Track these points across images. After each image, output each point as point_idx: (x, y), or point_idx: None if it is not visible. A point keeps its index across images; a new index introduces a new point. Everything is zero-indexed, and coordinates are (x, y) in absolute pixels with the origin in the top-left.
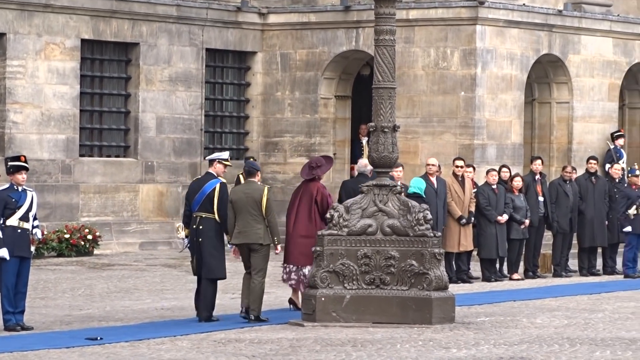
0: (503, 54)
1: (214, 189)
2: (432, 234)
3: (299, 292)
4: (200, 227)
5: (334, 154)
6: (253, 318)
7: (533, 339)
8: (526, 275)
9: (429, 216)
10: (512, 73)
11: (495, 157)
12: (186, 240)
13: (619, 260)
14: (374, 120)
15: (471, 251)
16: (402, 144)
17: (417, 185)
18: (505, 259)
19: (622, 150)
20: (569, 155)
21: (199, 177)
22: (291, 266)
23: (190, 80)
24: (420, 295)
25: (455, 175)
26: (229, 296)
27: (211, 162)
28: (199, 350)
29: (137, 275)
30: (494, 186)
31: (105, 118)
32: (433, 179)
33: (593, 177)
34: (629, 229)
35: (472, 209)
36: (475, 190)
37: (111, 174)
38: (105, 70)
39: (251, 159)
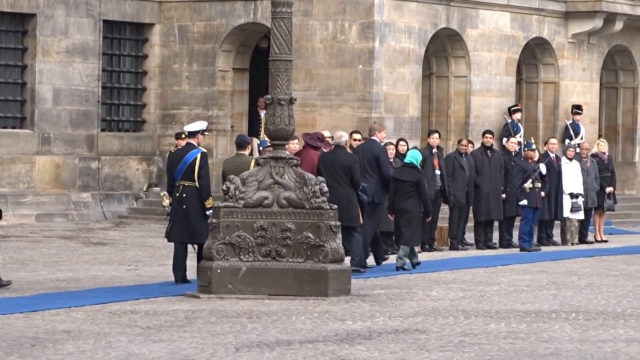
0: (401, 28)
1: (195, 158)
2: (328, 207)
3: None
4: (184, 195)
5: (232, 127)
6: None
7: (428, 311)
8: (423, 248)
9: (325, 189)
10: (410, 47)
11: (393, 131)
12: (169, 208)
13: (516, 234)
14: (270, 92)
15: None
16: (300, 117)
17: (414, 155)
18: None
19: (519, 124)
20: (466, 129)
21: (180, 147)
22: None
23: (88, 52)
24: (316, 268)
25: (352, 148)
26: (124, 268)
27: (193, 133)
28: (93, 321)
29: (33, 247)
30: (392, 159)
31: (1, 89)
32: None
33: (489, 151)
34: (524, 202)
35: None
36: None
37: (7, 145)
38: (2, 41)
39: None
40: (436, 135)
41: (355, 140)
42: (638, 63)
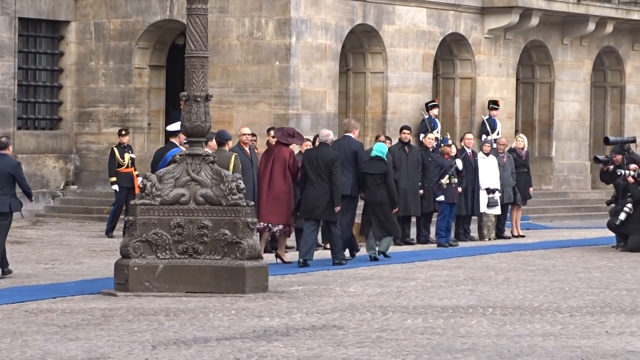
0: (317, 24)
1: (174, 156)
2: (245, 203)
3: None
4: None
5: (149, 124)
6: None
7: (346, 307)
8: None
9: (242, 185)
10: (327, 43)
11: (310, 127)
12: None
13: (433, 229)
14: (186, 89)
15: None
16: (217, 113)
17: (380, 149)
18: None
19: (436, 120)
20: (383, 125)
21: (163, 146)
22: (263, 224)
23: (3, 50)
24: (233, 265)
25: (268, 145)
26: (41, 266)
27: (174, 133)
28: (10, 320)
29: None
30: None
31: None
32: (247, 149)
33: (406, 147)
34: (441, 198)
35: None
36: None
37: None
38: None
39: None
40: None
41: (273, 137)
42: (554, 58)
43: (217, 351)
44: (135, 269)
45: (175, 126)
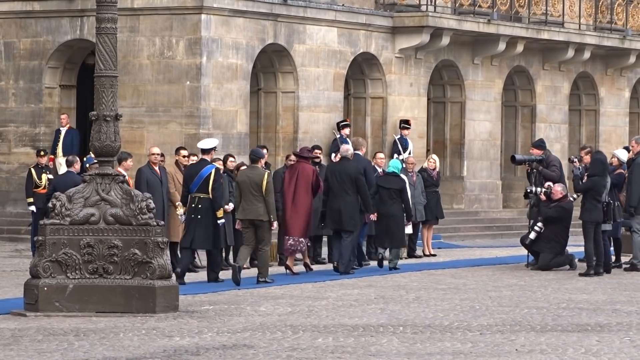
0: (228, 44)
1: (210, 173)
2: (155, 223)
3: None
4: (200, 205)
5: None
6: (262, 280)
7: (256, 326)
8: (252, 264)
9: (152, 205)
10: (238, 62)
11: (222, 147)
12: (184, 217)
13: None
14: (96, 109)
15: None
16: (128, 133)
17: (396, 165)
18: (232, 247)
19: (347, 139)
20: (294, 145)
21: (194, 162)
22: (290, 237)
23: None
24: (143, 284)
25: (178, 164)
26: None
27: (206, 150)
28: None
29: None
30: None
31: None
32: (157, 168)
33: (317, 167)
34: None
35: None
36: None
37: None
38: None
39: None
40: (264, 150)
41: (183, 157)
42: (465, 78)
43: None
44: (45, 288)
45: (206, 144)
